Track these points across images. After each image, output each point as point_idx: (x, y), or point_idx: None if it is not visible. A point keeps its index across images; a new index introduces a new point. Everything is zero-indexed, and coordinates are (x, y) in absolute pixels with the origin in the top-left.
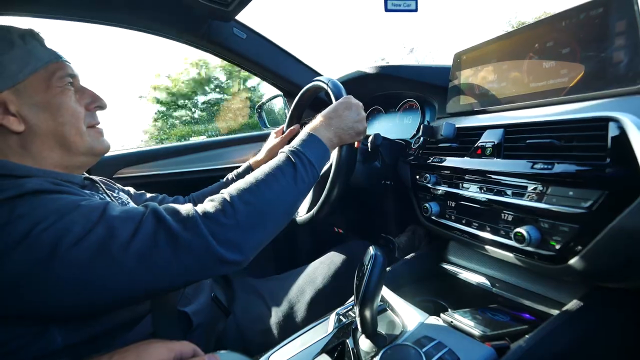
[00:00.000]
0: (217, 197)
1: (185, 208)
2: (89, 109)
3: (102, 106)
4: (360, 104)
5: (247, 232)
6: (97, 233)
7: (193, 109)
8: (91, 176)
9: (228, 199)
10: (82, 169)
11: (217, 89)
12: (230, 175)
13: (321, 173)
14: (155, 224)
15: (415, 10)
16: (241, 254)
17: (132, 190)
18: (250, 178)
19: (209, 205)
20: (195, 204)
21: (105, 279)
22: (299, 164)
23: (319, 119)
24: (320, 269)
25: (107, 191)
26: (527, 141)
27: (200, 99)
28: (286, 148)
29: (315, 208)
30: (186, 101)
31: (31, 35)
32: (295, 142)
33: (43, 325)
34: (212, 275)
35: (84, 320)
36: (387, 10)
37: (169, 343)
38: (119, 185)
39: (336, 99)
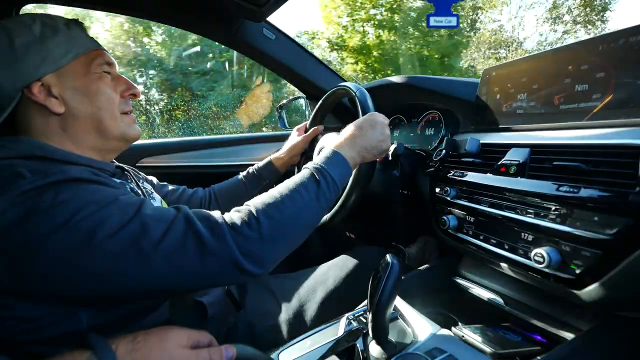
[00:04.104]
0: (243, 209)
1: (215, 215)
2: (123, 96)
3: (135, 94)
4: (386, 121)
5: (269, 245)
6: (131, 228)
7: None
8: (122, 165)
9: (253, 211)
10: (114, 153)
11: None
12: (251, 169)
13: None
14: (185, 226)
15: (456, 26)
16: (261, 266)
17: (155, 180)
18: (274, 192)
19: (235, 215)
20: (215, 197)
21: (132, 273)
22: (323, 182)
23: (343, 135)
24: (333, 270)
25: (135, 180)
26: (554, 163)
27: None
28: (310, 165)
29: (331, 213)
30: None
31: (75, 24)
32: (320, 159)
33: (71, 306)
34: (231, 283)
35: (108, 305)
36: (429, 26)
37: (189, 331)
38: (143, 174)
39: (362, 110)
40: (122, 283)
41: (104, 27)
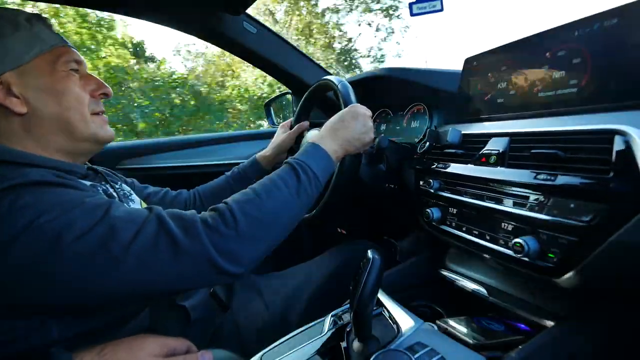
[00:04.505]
0: (220, 207)
1: (189, 215)
2: (93, 96)
3: (107, 94)
4: (368, 113)
5: (247, 243)
6: (99, 231)
7: None
8: (94, 166)
9: (230, 208)
10: (85, 156)
11: None
12: (236, 168)
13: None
14: (157, 227)
15: (441, 9)
16: (239, 265)
17: (135, 182)
18: (253, 188)
19: (212, 214)
20: (200, 198)
21: (103, 277)
22: (303, 177)
23: (325, 128)
24: (319, 267)
25: (110, 182)
26: (532, 151)
27: None
28: (291, 159)
29: (315, 211)
30: None
31: (38, 19)
32: (300, 154)
33: (40, 317)
34: (209, 284)
35: (81, 314)
36: (412, 14)
37: (162, 339)
38: (121, 176)
39: (344, 102)
40: (93, 289)
41: None
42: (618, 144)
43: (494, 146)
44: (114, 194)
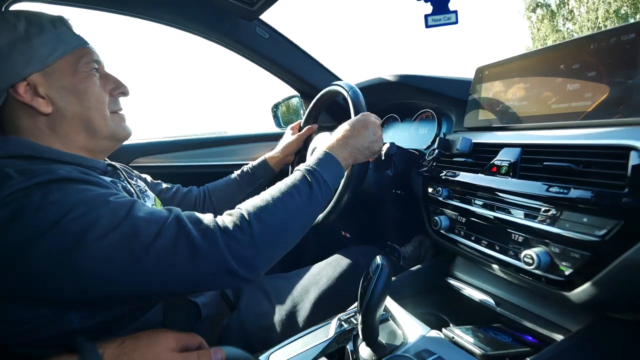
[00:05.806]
0: (235, 212)
1: (207, 218)
2: (112, 95)
3: (125, 92)
4: (378, 122)
5: (261, 249)
6: (122, 230)
7: None
8: (113, 163)
9: (245, 215)
10: (105, 153)
11: None
12: (245, 168)
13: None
14: (177, 229)
15: (456, 22)
16: (252, 270)
17: (149, 178)
18: (266, 195)
19: (227, 219)
20: (209, 196)
21: (122, 275)
22: (315, 184)
23: (335, 136)
24: (326, 270)
25: (127, 179)
26: (545, 163)
27: None
28: (302, 166)
29: (323, 214)
30: None
31: (60, 21)
32: (312, 161)
33: (61, 308)
34: (222, 287)
35: (100, 306)
36: (427, 26)
37: (177, 334)
38: (137, 172)
39: (355, 109)
40: (112, 285)
41: None
42: (634, 160)
43: (506, 156)
44: (132, 190)
